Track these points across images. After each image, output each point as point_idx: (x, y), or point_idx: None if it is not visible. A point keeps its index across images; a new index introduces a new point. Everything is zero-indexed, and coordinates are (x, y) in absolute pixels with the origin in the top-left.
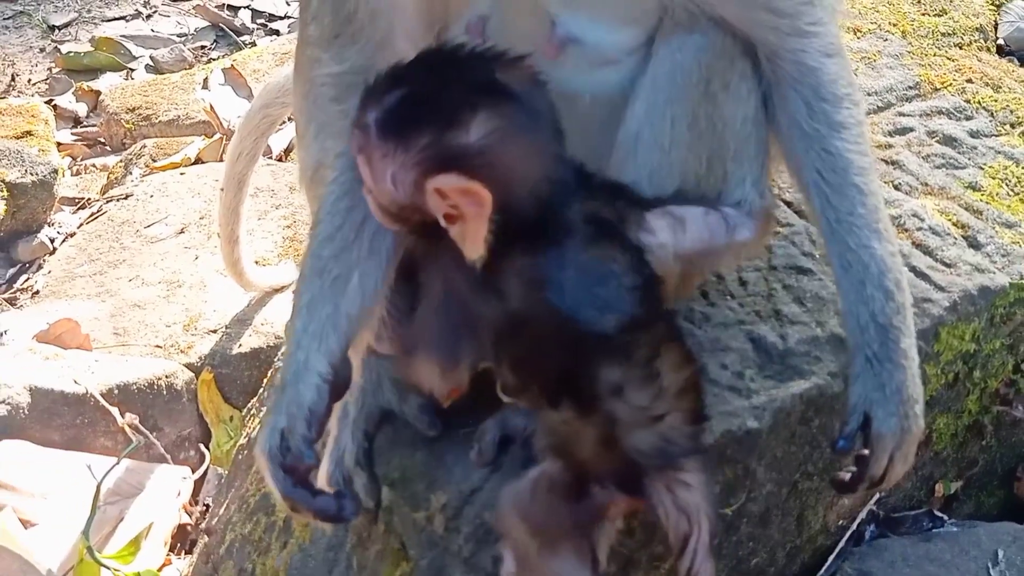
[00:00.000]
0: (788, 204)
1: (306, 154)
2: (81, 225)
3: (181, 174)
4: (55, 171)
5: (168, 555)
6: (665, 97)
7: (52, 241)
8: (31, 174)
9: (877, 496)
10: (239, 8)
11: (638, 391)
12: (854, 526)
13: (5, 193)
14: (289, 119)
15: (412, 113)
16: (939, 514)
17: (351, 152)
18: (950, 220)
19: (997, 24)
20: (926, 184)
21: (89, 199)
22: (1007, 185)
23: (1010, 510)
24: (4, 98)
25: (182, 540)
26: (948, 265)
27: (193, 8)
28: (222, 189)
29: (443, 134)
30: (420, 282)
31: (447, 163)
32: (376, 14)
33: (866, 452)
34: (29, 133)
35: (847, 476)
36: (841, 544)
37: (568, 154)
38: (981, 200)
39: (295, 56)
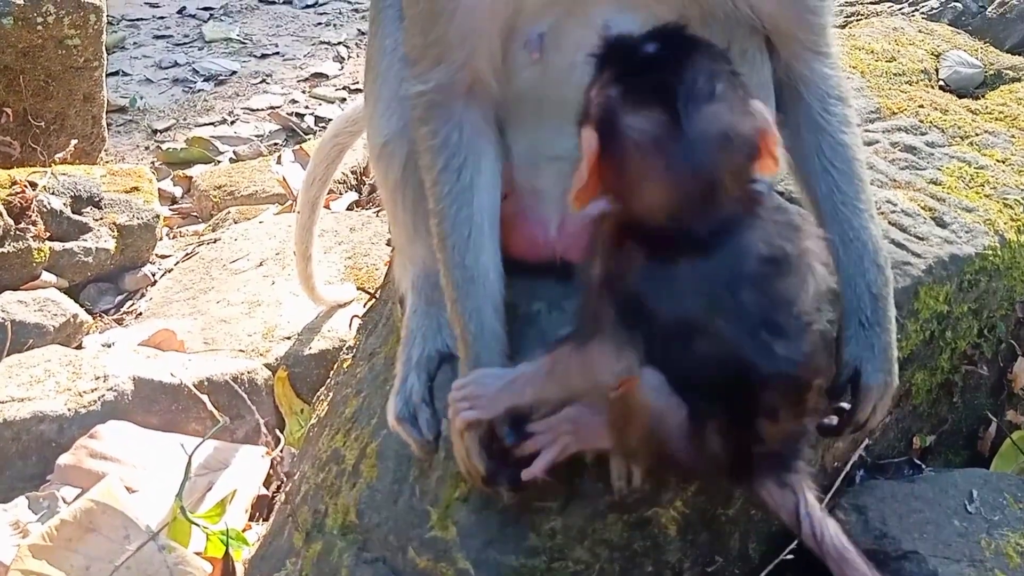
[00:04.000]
0: (780, 193)
1: (374, 132)
2: (178, 263)
3: (260, 223)
4: (156, 216)
5: (249, 522)
6: None
7: (153, 275)
8: (137, 218)
9: (866, 443)
10: (304, 115)
11: (788, 415)
12: (847, 468)
13: (116, 233)
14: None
15: (618, 59)
16: (918, 462)
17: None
18: (919, 205)
19: (938, 68)
20: (895, 180)
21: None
22: (963, 181)
23: (974, 466)
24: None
25: (261, 510)
26: (921, 239)
27: (268, 115)
28: (298, 212)
29: (614, 91)
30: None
31: (597, 114)
32: (465, 37)
33: (845, 406)
34: (136, 188)
35: (834, 422)
36: (837, 483)
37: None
38: (943, 191)
39: (366, 53)
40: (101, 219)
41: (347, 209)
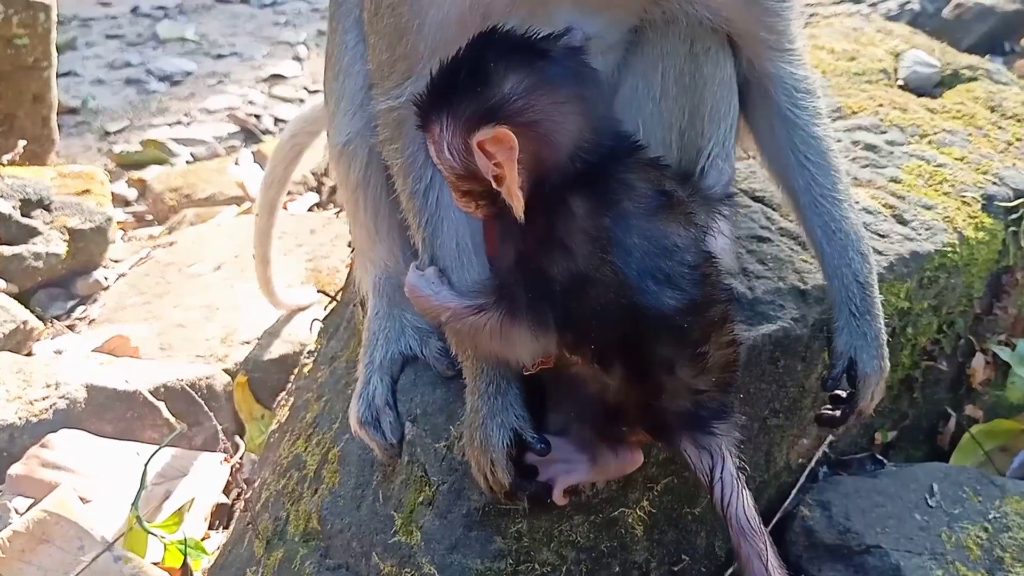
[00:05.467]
0: (745, 192)
1: (335, 131)
2: (132, 267)
3: (218, 225)
4: (109, 219)
5: (208, 531)
6: (658, 52)
7: (106, 279)
8: (89, 222)
9: (830, 439)
10: (262, 116)
11: (687, 368)
12: (812, 463)
13: (67, 237)
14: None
15: (453, 85)
16: (880, 457)
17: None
18: (880, 203)
19: (897, 68)
20: (856, 178)
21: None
22: (922, 179)
23: (934, 460)
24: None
25: (220, 518)
26: (882, 236)
27: (225, 116)
28: (256, 215)
29: (480, 95)
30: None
31: (485, 118)
32: (435, 50)
33: (842, 394)
34: (88, 191)
35: (836, 412)
36: (801, 480)
37: (618, 120)
38: (903, 189)
39: (326, 49)
40: (51, 222)
41: (308, 211)
